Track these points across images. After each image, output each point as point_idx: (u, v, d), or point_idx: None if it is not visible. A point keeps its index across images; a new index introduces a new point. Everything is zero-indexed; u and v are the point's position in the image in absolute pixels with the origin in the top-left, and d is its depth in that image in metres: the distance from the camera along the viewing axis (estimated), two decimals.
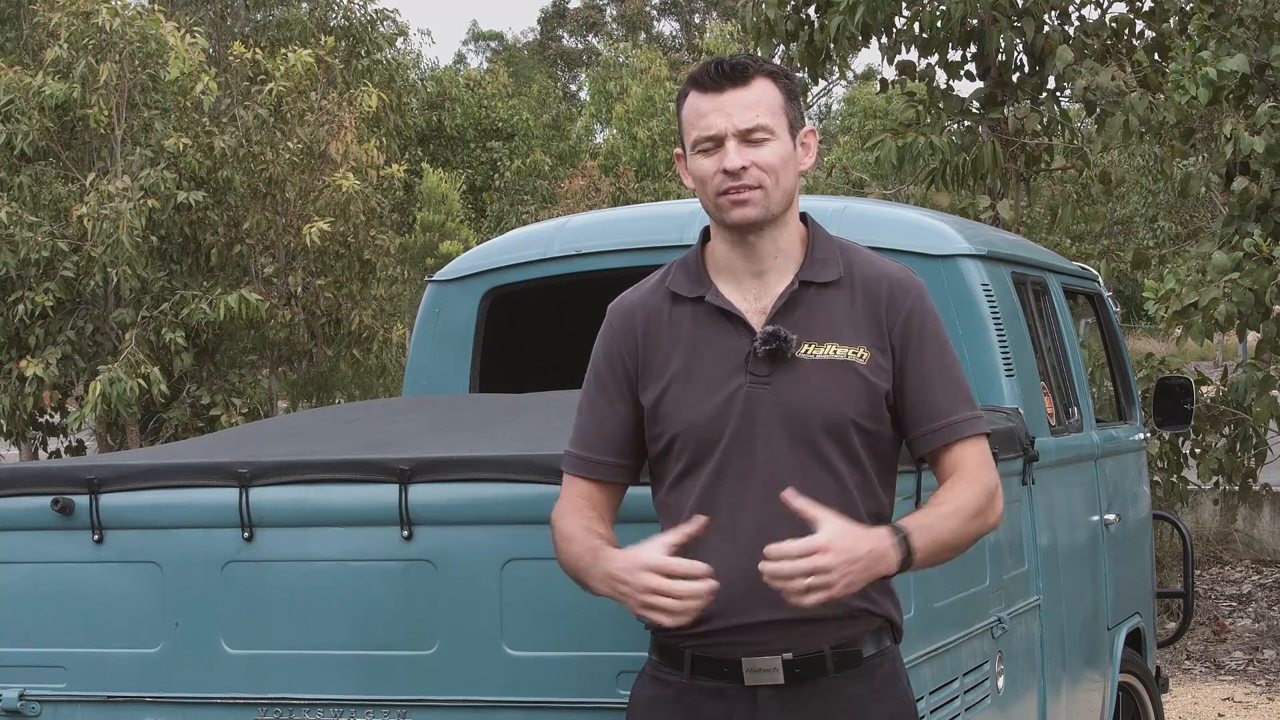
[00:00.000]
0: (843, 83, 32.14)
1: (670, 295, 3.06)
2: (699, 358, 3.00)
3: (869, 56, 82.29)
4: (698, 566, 2.80)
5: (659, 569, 2.80)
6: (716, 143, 2.96)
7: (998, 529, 3.11)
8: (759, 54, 11.34)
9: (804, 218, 3.09)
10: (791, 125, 3.00)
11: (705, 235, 3.10)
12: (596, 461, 3.07)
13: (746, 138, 2.95)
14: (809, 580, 2.75)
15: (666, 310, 3.05)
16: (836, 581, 2.76)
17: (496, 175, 29.23)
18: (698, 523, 2.86)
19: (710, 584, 2.80)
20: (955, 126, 11.17)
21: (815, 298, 3.00)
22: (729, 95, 2.96)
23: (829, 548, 2.76)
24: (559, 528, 3.05)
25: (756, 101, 2.96)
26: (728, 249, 3.04)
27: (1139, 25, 11.21)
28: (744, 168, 2.94)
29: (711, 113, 2.96)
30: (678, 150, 3.10)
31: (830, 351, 2.96)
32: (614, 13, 51.63)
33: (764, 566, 2.76)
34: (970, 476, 2.98)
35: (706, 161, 2.98)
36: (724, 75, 2.96)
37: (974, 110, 11.20)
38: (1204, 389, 10.15)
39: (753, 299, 3.01)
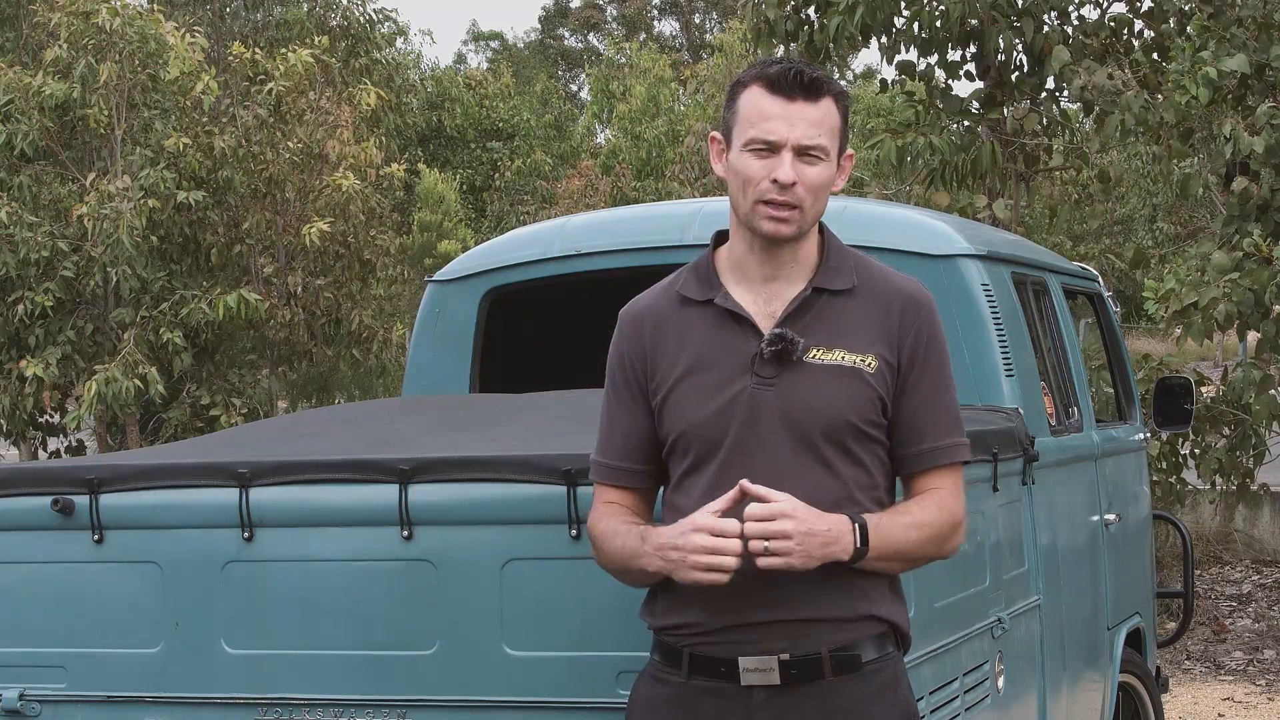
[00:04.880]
0: (843, 82, 32.11)
1: (680, 299, 3.07)
2: (707, 359, 3.01)
3: (869, 56, 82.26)
4: (735, 525, 2.85)
5: (708, 529, 2.85)
6: (773, 149, 2.96)
7: (949, 558, 3.13)
8: (758, 55, 11.36)
9: (819, 226, 3.10)
10: (840, 149, 3.02)
11: (717, 240, 3.11)
12: (623, 469, 3.09)
13: (803, 153, 2.96)
14: (767, 544, 2.82)
15: (675, 313, 3.06)
16: (794, 550, 2.83)
17: (496, 175, 29.24)
18: (738, 489, 2.89)
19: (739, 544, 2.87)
20: (955, 126, 11.18)
21: (827, 305, 3.01)
22: (798, 106, 2.95)
23: (793, 515, 2.83)
24: (599, 530, 3.07)
25: (822, 120, 2.96)
26: (745, 250, 3.04)
27: (1138, 25, 11.21)
28: (794, 183, 2.94)
29: (777, 118, 2.95)
30: (714, 134, 3.09)
31: (838, 357, 2.98)
32: (615, 13, 51.62)
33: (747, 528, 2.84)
34: (942, 501, 3.03)
35: (756, 163, 2.97)
36: (800, 85, 2.95)
37: (973, 110, 11.20)
38: (1204, 389, 10.15)
39: (763, 303, 3.03)
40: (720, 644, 2.96)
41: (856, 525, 2.89)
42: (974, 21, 10.62)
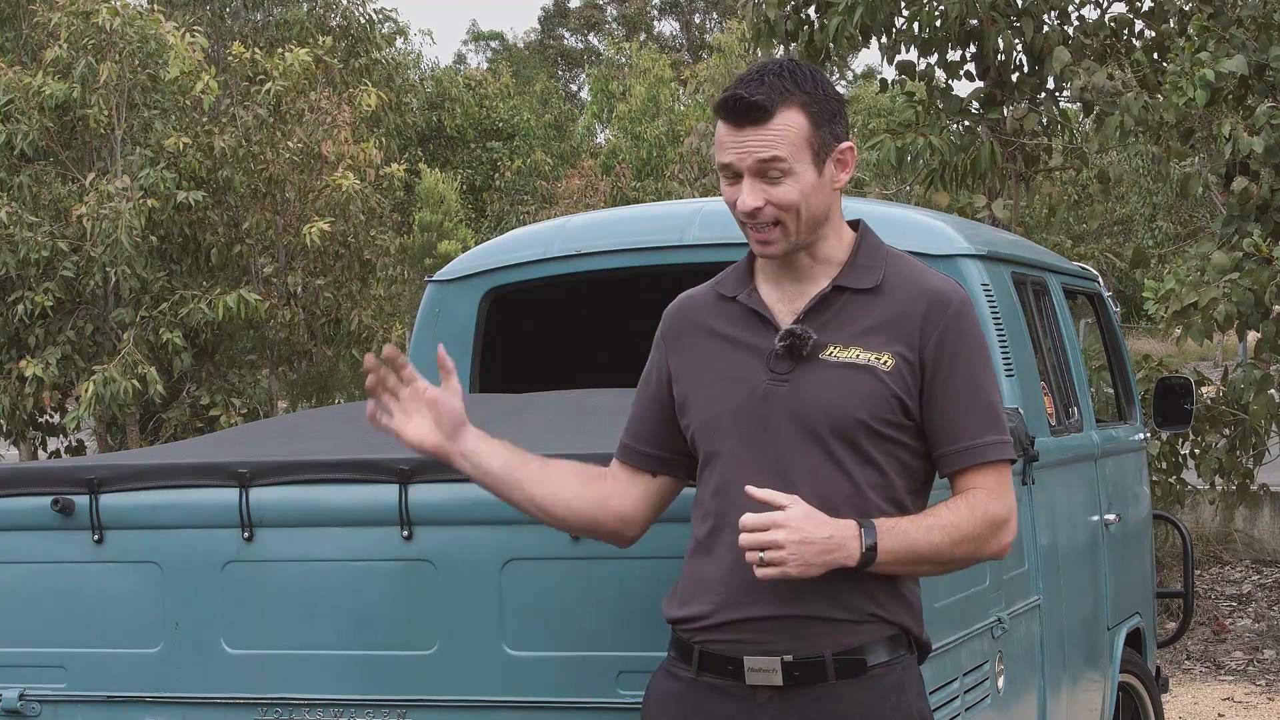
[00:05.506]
0: (843, 82, 32.17)
1: (716, 295, 3.13)
2: (728, 354, 3.05)
3: (869, 56, 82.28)
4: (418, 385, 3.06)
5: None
6: (736, 175, 2.99)
7: (1001, 558, 3.09)
8: (760, 57, 11.35)
9: (857, 224, 3.11)
10: (818, 152, 2.97)
11: None
12: (627, 445, 3.17)
13: (764, 174, 2.96)
14: (761, 554, 2.81)
15: (711, 309, 3.12)
16: (788, 559, 2.81)
17: (496, 175, 29.24)
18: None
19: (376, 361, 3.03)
20: (954, 126, 11.17)
21: (848, 303, 3.02)
22: (748, 131, 2.95)
23: (785, 524, 2.81)
24: None
25: (776, 138, 2.94)
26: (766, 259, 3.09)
27: (1138, 25, 11.21)
28: (759, 208, 2.95)
29: (730, 146, 2.97)
30: None
31: (853, 355, 2.98)
32: (614, 13, 51.62)
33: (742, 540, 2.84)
34: (975, 500, 2.98)
35: (729, 190, 3.01)
36: (740, 112, 2.95)
37: (973, 110, 11.20)
38: (1204, 389, 10.15)
39: (788, 301, 3.05)
40: (727, 642, 2.97)
41: (863, 530, 2.87)
42: (974, 21, 10.62)
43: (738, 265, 3.14)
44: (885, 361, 2.97)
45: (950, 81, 11.39)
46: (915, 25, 10.73)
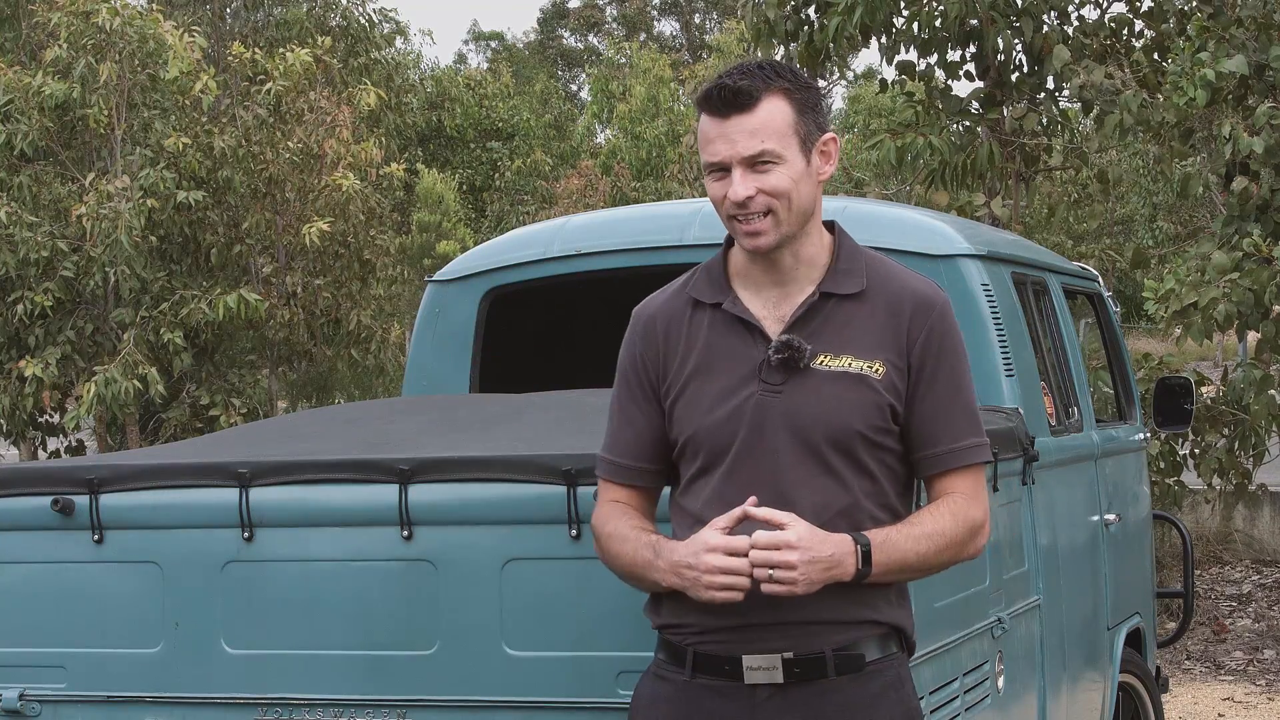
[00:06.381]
0: (843, 83, 32.19)
1: (691, 301, 3.07)
2: (715, 364, 3.01)
3: (869, 56, 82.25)
4: (746, 543, 2.84)
5: (722, 548, 2.84)
6: (724, 169, 2.95)
7: (973, 559, 3.10)
8: (760, 56, 11.35)
9: (831, 226, 3.08)
10: (804, 140, 2.96)
11: (730, 240, 3.09)
12: (630, 467, 3.09)
13: (752, 165, 2.94)
14: (771, 573, 2.81)
15: (687, 315, 3.06)
16: (798, 580, 2.82)
17: (496, 175, 29.24)
18: (748, 504, 2.88)
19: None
20: (954, 126, 11.17)
21: (835, 309, 3.00)
22: (734, 121, 2.94)
23: (797, 545, 2.82)
24: (605, 531, 3.06)
25: (762, 126, 2.93)
26: (747, 261, 3.04)
27: (1138, 25, 11.21)
28: (751, 197, 2.93)
29: (717, 139, 2.95)
30: None
31: (845, 364, 2.96)
32: (614, 13, 51.62)
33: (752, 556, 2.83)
34: (956, 506, 2.99)
35: (716, 186, 2.97)
36: (728, 101, 2.94)
37: (973, 110, 11.19)
38: (1204, 389, 10.15)
39: (771, 307, 3.02)
40: (724, 642, 2.96)
41: (859, 546, 2.88)
42: (973, 21, 10.62)
43: (708, 268, 3.09)
44: (877, 369, 2.96)
45: (950, 81, 11.39)
46: (915, 25, 10.73)
